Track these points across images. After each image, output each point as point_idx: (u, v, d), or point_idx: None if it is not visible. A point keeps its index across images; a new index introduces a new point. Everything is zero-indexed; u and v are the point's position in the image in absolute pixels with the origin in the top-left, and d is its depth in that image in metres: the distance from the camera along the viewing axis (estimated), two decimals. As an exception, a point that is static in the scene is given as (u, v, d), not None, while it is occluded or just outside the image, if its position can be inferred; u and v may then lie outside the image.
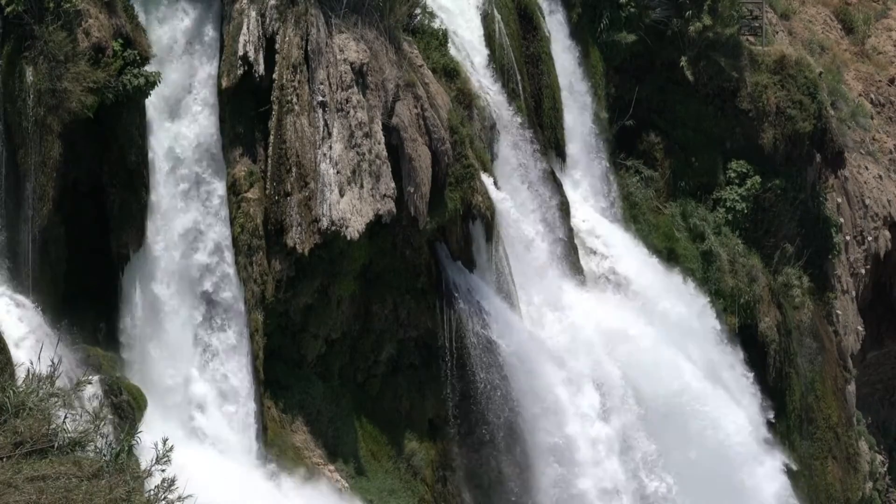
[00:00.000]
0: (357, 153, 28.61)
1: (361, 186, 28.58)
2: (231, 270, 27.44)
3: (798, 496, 40.26)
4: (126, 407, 24.34)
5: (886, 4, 57.13)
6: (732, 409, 37.75)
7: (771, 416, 40.50)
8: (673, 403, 36.08)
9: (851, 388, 46.53)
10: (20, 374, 18.87)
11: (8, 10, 23.92)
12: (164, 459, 12.81)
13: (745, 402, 39.38)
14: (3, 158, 24.30)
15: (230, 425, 27.35)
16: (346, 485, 29.03)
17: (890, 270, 50.50)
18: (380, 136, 29.06)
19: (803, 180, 43.89)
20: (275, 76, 28.06)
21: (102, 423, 13.98)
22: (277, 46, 28.11)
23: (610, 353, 35.17)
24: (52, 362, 14.31)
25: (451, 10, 34.47)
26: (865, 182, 49.44)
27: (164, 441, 12.89)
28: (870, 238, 48.79)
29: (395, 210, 29.05)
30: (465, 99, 32.81)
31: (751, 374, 40.28)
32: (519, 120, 35.13)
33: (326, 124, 28.41)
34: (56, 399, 13.45)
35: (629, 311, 37.00)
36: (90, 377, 22.15)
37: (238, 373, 27.64)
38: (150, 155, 26.12)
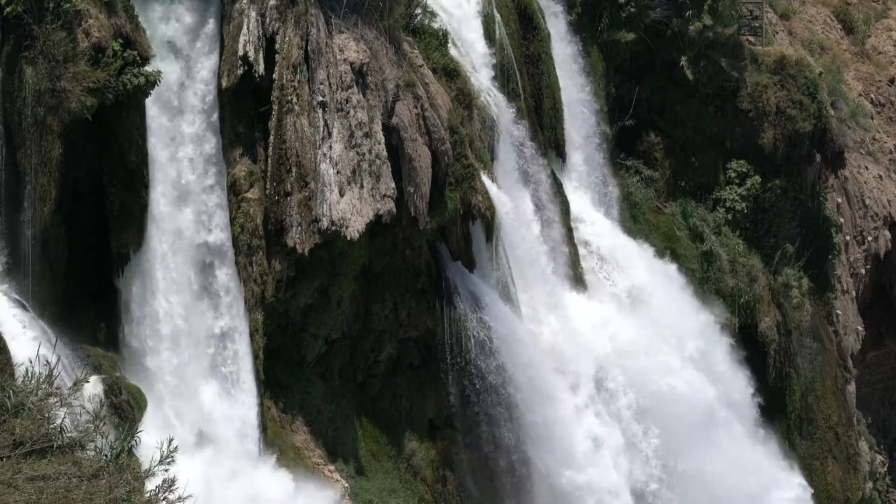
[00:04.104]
0: (357, 153, 28.60)
1: (361, 186, 28.57)
2: None
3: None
4: (126, 407, 24.32)
5: (886, 4, 57.15)
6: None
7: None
8: (666, 394, 36.15)
9: (851, 388, 46.53)
10: (20, 373, 18.85)
11: (8, 10, 23.90)
12: (169, 460, 12.78)
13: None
14: (3, 158, 24.28)
15: (230, 425, 27.34)
16: (347, 485, 29.02)
17: (890, 270, 50.51)
18: (380, 136, 29.04)
19: (803, 180, 43.89)
20: (275, 76, 28.05)
21: (102, 423, 13.96)
22: (277, 46, 28.09)
23: (607, 352, 35.18)
24: (49, 362, 14.29)
25: (452, 10, 34.46)
26: (865, 182, 49.45)
27: (170, 441, 12.85)
28: (870, 238, 48.79)
29: (395, 210, 29.04)
30: (465, 99, 32.79)
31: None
32: (519, 120, 35.12)
33: (326, 124, 28.40)
34: (55, 399, 13.43)
35: (627, 310, 36.99)
36: (88, 377, 22.16)
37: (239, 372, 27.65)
38: None
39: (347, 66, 28.81)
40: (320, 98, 28.34)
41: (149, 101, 25.78)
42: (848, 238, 47.31)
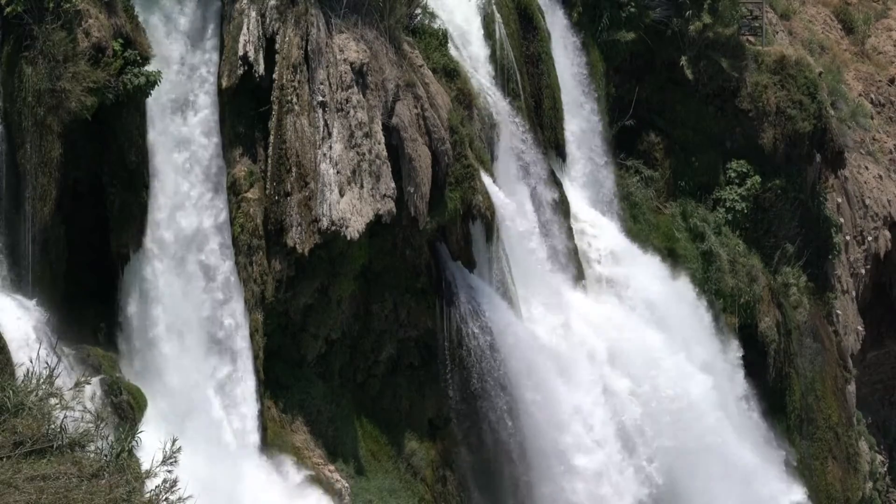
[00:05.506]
0: (357, 153, 28.60)
1: (361, 186, 28.57)
2: None
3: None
4: (126, 407, 24.32)
5: (886, 4, 57.18)
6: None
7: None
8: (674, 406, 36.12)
9: (851, 388, 46.53)
10: (20, 373, 18.85)
11: (8, 10, 23.89)
12: (172, 460, 12.76)
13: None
14: (3, 158, 24.28)
15: (230, 425, 27.33)
16: (347, 485, 29.03)
17: (890, 270, 50.52)
18: (380, 136, 29.05)
19: (803, 180, 43.89)
20: (275, 76, 28.05)
21: (104, 423, 13.95)
22: (277, 46, 28.09)
23: (608, 351, 35.18)
24: (48, 363, 14.27)
25: (452, 10, 34.46)
26: (865, 182, 49.45)
27: (173, 441, 12.82)
28: (870, 238, 48.80)
29: (395, 210, 29.04)
30: (465, 99, 32.80)
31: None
32: (519, 120, 35.12)
33: (326, 124, 28.40)
34: (55, 399, 13.42)
35: (627, 311, 36.99)
36: (89, 378, 22.15)
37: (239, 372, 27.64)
38: None
39: (347, 66, 28.82)
40: (320, 98, 28.34)
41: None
42: (848, 238, 47.32)
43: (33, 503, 11.80)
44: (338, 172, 28.23)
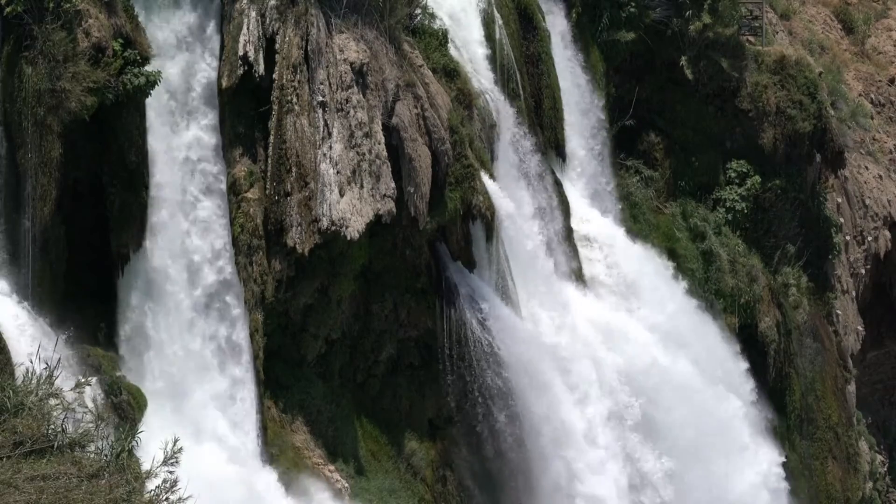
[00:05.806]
0: (357, 153, 28.60)
1: (361, 186, 28.57)
2: None
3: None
4: (126, 407, 24.32)
5: (886, 4, 57.20)
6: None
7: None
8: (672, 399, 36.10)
9: (851, 388, 46.53)
10: (19, 373, 18.84)
11: (8, 10, 23.89)
12: (173, 461, 12.75)
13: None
14: (3, 158, 24.28)
15: (230, 424, 27.33)
16: (347, 485, 29.02)
17: (890, 270, 50.52)
18: (380, 136, 29.05)
19: (803, 180, 43.90)
20: (275, 76, 28.04)
21: (105, 423, 13.95)
22: (277, 46, 28.09)
23: (608, 352, 35.17)
24: (48, 363, 14.27)
25: (452, 10, 34.46)
26: (865, 182, 49.46)
27: (175, 441, 12.81)
28: (870, 238, 48.80)
29: (395, 210, 29.04)
30: (465, 99, 32.80)
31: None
32: (519, 120, 35.12)
33: (326, 124, 28.40)
34: (55, 399, 13.41)
35: (628, 311, 36.97)
36: (89, 378, 22.15)
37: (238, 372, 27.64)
38: None
39: (347, 66, 28.82)
40: (320, 98, 28.34)
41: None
42: (848, 238, 47.32)
43: (33, 503, 11.80)
44: (338, 172, 28.23)
